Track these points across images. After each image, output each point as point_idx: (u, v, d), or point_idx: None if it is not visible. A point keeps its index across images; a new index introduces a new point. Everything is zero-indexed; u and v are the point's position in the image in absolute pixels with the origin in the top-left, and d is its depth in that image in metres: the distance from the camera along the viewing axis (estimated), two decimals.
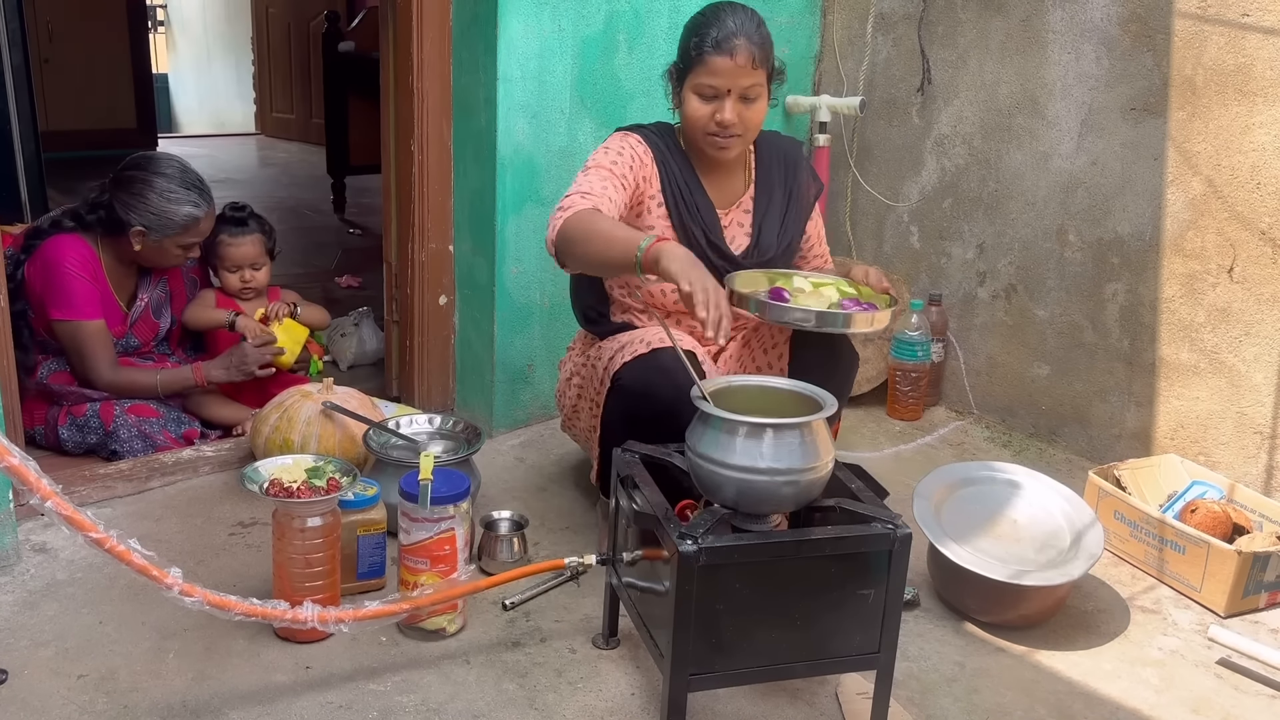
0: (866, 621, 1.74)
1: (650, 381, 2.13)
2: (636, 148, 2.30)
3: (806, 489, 1.71)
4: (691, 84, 2.24)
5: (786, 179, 2.45)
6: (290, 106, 8.24)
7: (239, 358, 2.84)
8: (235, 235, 3.03)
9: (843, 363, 2.32)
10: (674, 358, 2.09)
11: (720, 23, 2.19)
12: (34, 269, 2.75)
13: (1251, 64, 2.60)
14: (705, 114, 2.24)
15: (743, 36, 2.18)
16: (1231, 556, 2.26)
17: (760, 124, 2.29)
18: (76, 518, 1.58)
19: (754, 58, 2.19)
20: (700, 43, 2.20)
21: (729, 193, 2.41)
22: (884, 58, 3.38)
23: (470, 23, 2.80)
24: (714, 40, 2.18)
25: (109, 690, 1.86)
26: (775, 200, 2.43)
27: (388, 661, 1.98)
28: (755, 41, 2.19)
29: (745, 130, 2.25)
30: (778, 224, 2.42)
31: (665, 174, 2.33)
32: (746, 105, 2.23)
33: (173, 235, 2.77)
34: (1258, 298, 2.65)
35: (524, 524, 2.40)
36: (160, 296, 2.96)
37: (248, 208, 3.10)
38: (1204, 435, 2.79)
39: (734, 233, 2.40)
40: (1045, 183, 3.04)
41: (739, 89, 2.20)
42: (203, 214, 2.80)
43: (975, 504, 2.34)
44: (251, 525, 2.45)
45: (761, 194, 2.43)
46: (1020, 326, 3.16)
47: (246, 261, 3.05)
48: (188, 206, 2.76)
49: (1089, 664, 2.12)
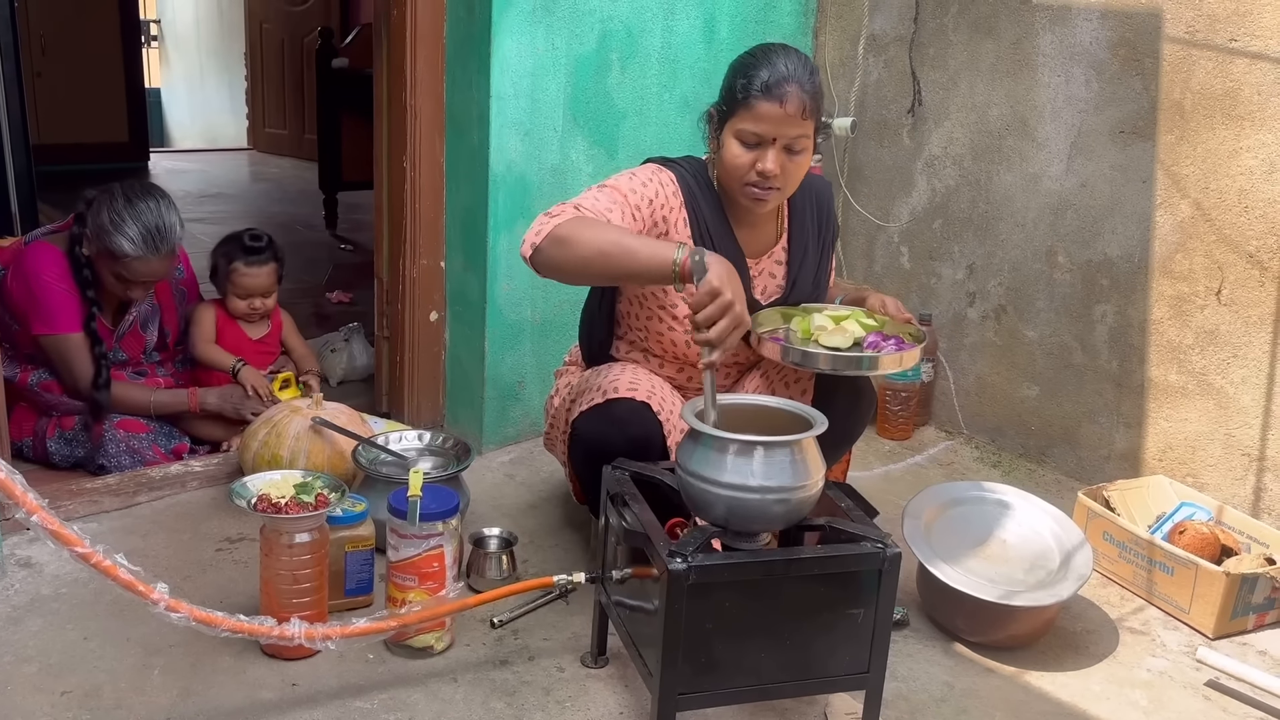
0: (856, 641, 1.74)
1: (603, 434, 2.07)
2: (666, 186, 2.14)
3: (797, 507, 1.71)
4: (734, 128, 2.06)
5: (821, 226, 2.32)
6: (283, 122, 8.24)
7: (237, 400, 2.86)
8: (251, 265, 3.03)
9: (864, 401, 2.26)
10: (629, 409, 2.06)
11: (772, 65, 2.03)
12: (15, 282, 2.72)
13: (1239, 88, 2.62)
14: (746, 162, 2.06)
15: (795, 83, 2.01)
16: (1220, 578, 2.26)
17: (802, 178, 2.14)
18: (63, 532, 1.57)
19: (805, 107, 2.02)
20: (748, 85, 2.03)
21: (760, 241, 2.25)
22: (875, 79, 3.40)
23: (464, 40, 2.81)
24: (763, 84, 2.01)
25: (93, 707, 1.84)
26: (810, 249, 2.29)
27: (374, 679, 1.97)
28: (808, 90, 2.02)
29: (786, 184, 2.09)
30: (813, 274, 2.30)
31: (694, 218, 2.16)
32: (790, 157, 2.06)
33: (104, 258, 2.69)
34: (1245, 320, 2.66)
35: (513, 541, 2.39)
36: (148, 310, 2.94)
37: (265, 237, 3.08)
38: (1192, 457, 2.80)
39: (764, 283, 2.27)
40: (1035, 204, 3.05)
41: (785, 139, 2.04)
42: (134, 255, 2.66)
43: (965, 524, 2.35)
44: (239, 541, 2.44)
45: (796, 245, 2.28)
46: (1010, 347, 3.17)
47: (258, 291, 3.06)
48: (123, 240, 2.64)
49: (1078, 685, 2.11)
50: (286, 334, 3.24)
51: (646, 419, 2.07)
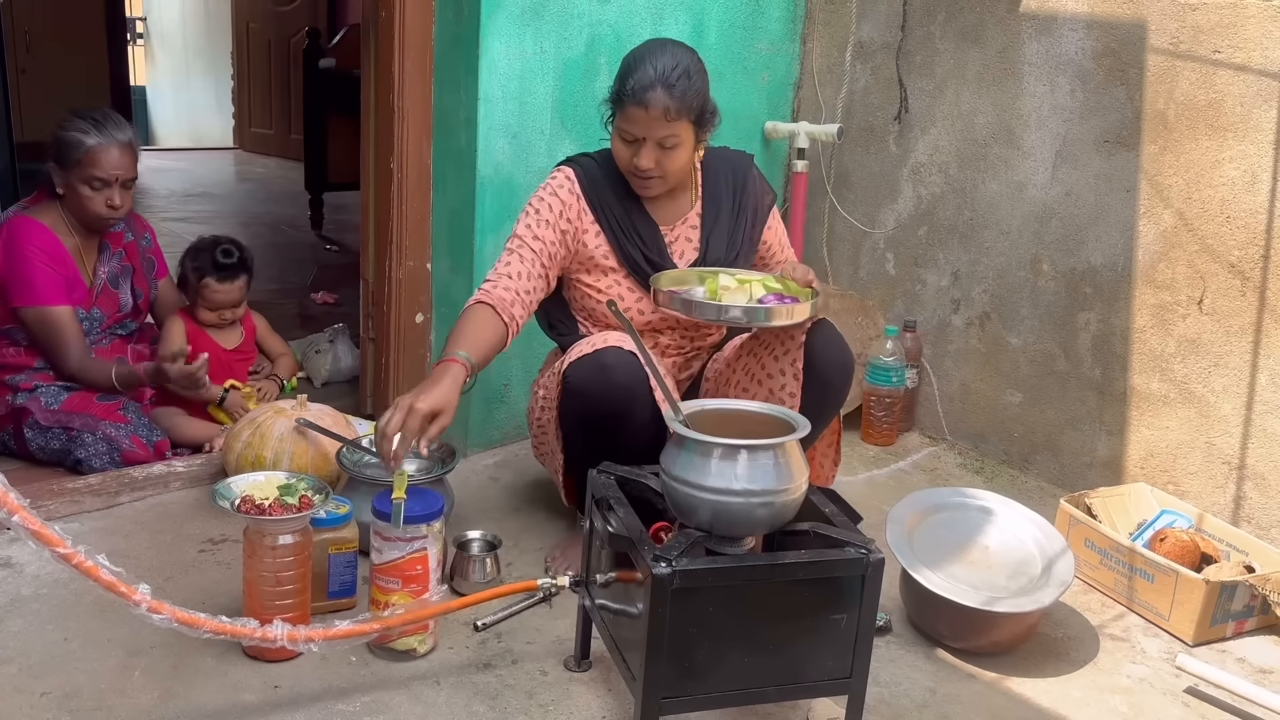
0: (838, 646, 1.74)
1: (595, 379, 2.14)
2: (560, 190, 2.33)
3: (781, 510, 1.72)
4: (616, 124, 2.27)
5: (735, 191, 2.46)
6: (269, 122, 8.21)
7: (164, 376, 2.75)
8: (223, 282, 3.00)
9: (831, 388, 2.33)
10: (617, 356, 2.14)
11: (643, 68, 2.18)
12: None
13: (1222, 100, 2.64)
14: (625, 155, 2.27)
15: (661, 88, 2.16)
16: (1200, 585, 2.28)
17: (681, 168, 2.30)
18: (44, 532, 1.56)
19: (668, 110, 2.17)
20: (622, 88, 2.21)
21: (674, 210, 2.43)
22: (862, 86, 3.42)
23: (452, 42, 2.81)
24: (632, 89, 2.18)
25: (73, 708, 1.83)
26: (724, 213, 2.44)
27: (357, 682, 1.96)
28: (675, 94, 2.17)
29: (664, 174, 2.28)
30: (726, 236, 2.44)
31: (598, 202, 2.35)
32: (664, 153, 2.24)
33: (72, 169, 2.71)
34: (1227, 329, 2.68)
35: (497, 544, 2.39)
36: (116, 269, 2.92)
37: (236, 254, 3.03)
38: (1173, 465, 2.82)
39: (681, 247, 2.43)
40: (1020, 212, 3.07)
41: (655, 138, 2.21)
42: (94, 144, 2.71)
43: (948, 530, 2.35)
44: (222, 542, 2.43)
45: (709, 208, 2.44)
46: (994, 354, 3.19)
47: (228, 305, 3.04)
48: (78, 134, 2.69)
49: (1058, 691, 2.12)
50: (262, 336, 3.23)
51: (634, 367, 2.13)
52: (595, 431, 2.17)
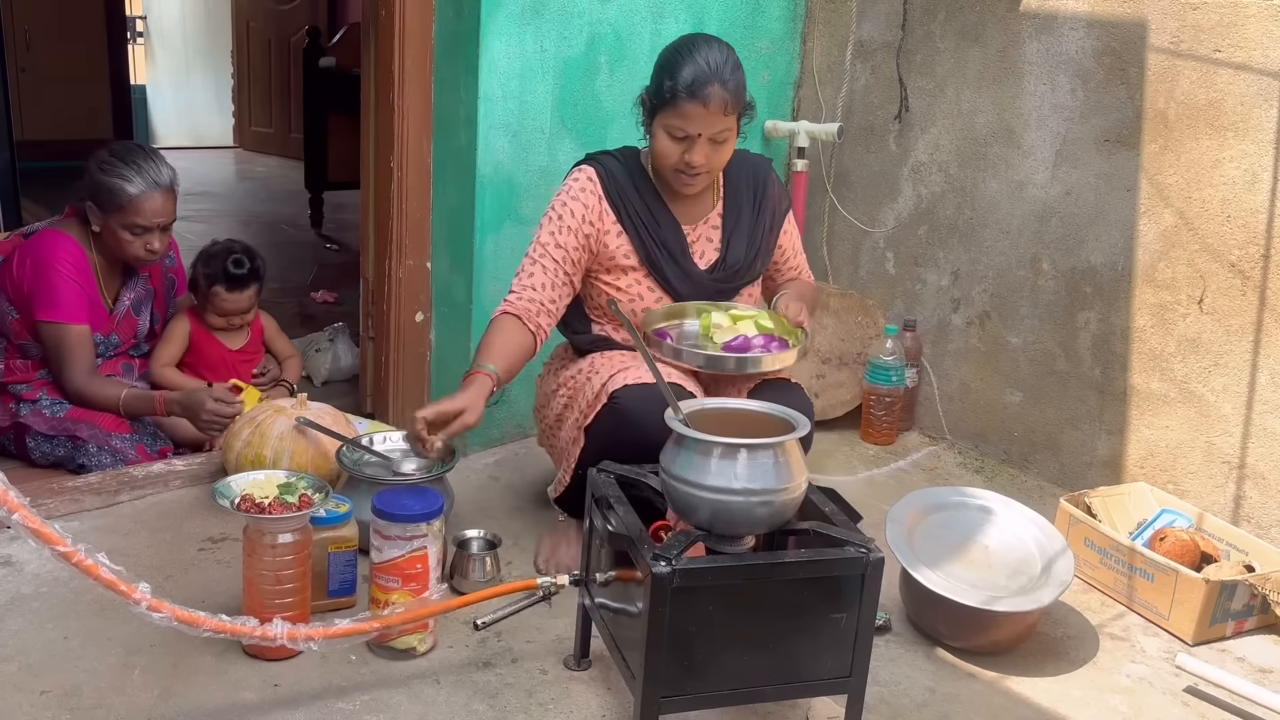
0: (838, 645, 1.74)
1: (648, 411, 2.05)
2: (582, 194, 2.33)
3: (780, 509, 1.72)
4: (662, 122, 2.24)
5: (755, 194, 2.47)
6: (269, 121, 8.21)
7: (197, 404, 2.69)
8: (231, 291, 3.00)
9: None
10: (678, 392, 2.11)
11: (695, 63, 2.17)
12: (23, 267, 2.72)
13: (1222, 99, 2.64)
14: (675, 153, 2.25)
15: (717, 83, 2.16)
16: (1199, 585, 2.28)
17: (726, 161, 2.32)
18: (44, 531, 1.56)
19: (726, 104, 2.18)
20: (674, 85, 2.18)
21: (696, 210, 2.43)
22: (863, 85, 3.42)
23: (452, 41, 2.81)
24: (687, 84, 2.16)
25: (72, 707, 1.83)
26: (744, 214, 2.45)
27: (357, 680, 1.96)
28: (730, 88, 2.17)
29: (712, 170, 2.29)
30: (746, 237, 2.44)
31: (620, 201, 2.35)
32: (715, 148, 2.24)
33: (113, 214, 2.69)
34: (1227, 329, 2.68)
35: (497, 543, 2.39)
36: (142, 294, 2.93)
37: (247, 264, 3.01)
38: (1173, 464, 2.82)
39: (702, 248, 2.43)
40: (1020, 211, 3.07)
41: (710, 133, 2.21)
42: (138, 193, 2.68)
43: (947, 529, 2.35)
44: (222, 541, 2.43)
45: (730, 210, 2.45)
46: (994, 353, 3.19)
47: (237, 312, 3.04)
48: (123, 182, 2.67)
49: (1058, 690, 2.12)
50: (270, 337, 3.23)
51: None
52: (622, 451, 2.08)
